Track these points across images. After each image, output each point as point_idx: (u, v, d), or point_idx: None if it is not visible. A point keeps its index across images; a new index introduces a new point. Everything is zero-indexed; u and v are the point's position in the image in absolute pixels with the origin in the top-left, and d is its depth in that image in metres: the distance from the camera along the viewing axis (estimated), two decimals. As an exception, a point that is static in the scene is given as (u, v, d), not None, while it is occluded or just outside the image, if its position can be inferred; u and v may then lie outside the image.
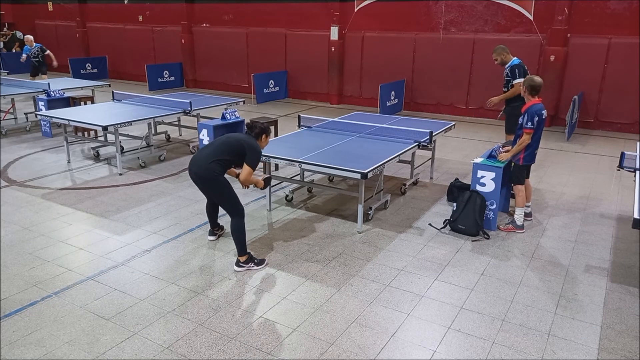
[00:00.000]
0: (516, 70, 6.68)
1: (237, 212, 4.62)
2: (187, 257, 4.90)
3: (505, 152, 5.61)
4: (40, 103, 9.47)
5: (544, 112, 5.33)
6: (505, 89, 6.87)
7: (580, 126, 11.00)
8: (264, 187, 4.98)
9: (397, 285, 4.42)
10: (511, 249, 5.18)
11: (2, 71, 14.95)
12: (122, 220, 5.76)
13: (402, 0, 12.62)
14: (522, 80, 6.49)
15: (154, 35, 17.47)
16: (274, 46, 14.82)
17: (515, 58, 6.86)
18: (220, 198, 4.70)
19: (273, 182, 6.28)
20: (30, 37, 12.99)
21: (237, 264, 4.67)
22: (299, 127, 7.19)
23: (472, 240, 5.34)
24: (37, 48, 12.69)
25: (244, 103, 9.89)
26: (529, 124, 5.24)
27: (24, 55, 12.77)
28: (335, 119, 7.44)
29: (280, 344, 3.61)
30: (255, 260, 4.71)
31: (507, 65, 6.85)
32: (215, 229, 5.27)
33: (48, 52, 12.94)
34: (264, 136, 4.76)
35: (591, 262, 4.91)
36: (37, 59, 12.72)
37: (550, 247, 5.24)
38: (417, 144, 6.22)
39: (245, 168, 4.56)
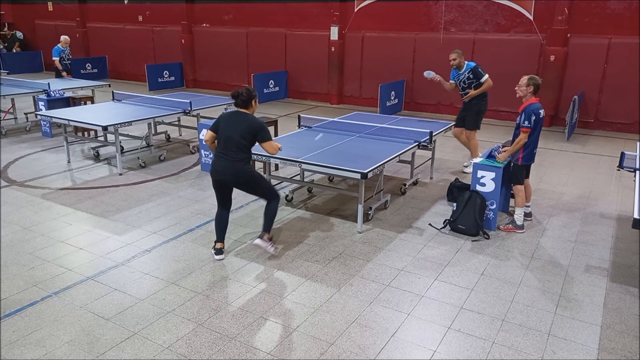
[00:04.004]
0: (479, 69, 7.26)
1: (275, 195, 4.89)
2: (187, 257, 4.90)
3: (505, 152, 5.61)
4: (40, 103, 9.48)
5: (542, 111, 5.34)
6: (468, 90, 7.40)
7: (580, 126, 11.00)
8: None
9: (397, 285, 4.42)
10: (511, 249, 5.18)
11: (2, 71, 14.91)
12: (122, 220, 5.76)
13: (402, 0, 12.63)
14: (487, 76, 7.21)
15: (154, 35, 17.47)
16: (274, 46, 14.83)
17: (470, 62, 7.44)
18: (258, 190, 4.92)
19: (273, 182, 6.28)
20: (68, 39, 12.25)
21: (261, 238, 4.84)
22: (299, 127, 7.19)
23: (472, 240, 5.34)
24: (69, 50, 12.23)
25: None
26: (526, 122, 5.24)
27: (56, 59, 11.96)
28: (335, 119, 7.44)
29: (280, 344, 3.61)
30: (274, 243, 4.99)
31: (464, 70, 7.34)
32: (223, 246, 4.91)
33: None
34: (253, 102, 4.70)
35: (591, 262, 4.91)
36: (70, 61, 12.34)
37: (550, 247, 5.24)
38: (417, 144, 6.22)
39: (266, 145, 4.70)
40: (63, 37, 12.19)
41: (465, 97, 7.49)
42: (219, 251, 4.87)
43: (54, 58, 11.97)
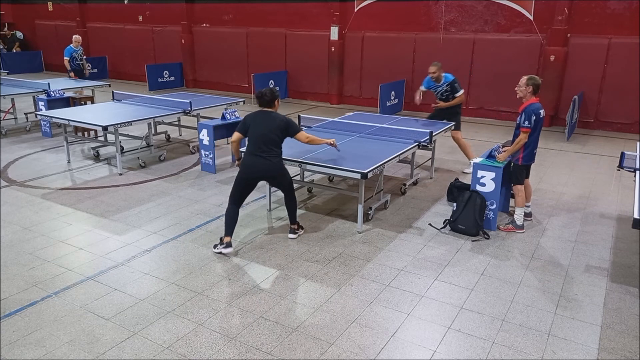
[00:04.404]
0: (455, 84, 7.44)
1: (293, 189, 5.27)
2: (187, 257, 4.90)
3: (505, 152, 5.61)
4: (40, 103, 9.48)
5: (542, 111, 5.33)
6: (444, 100, 7.57)
7: (580, 126, 11.01)
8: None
9: (397, 285, 4.42)
10: (511, 249, 5.18)
11: (2, 71, 14.89)
12: (122, 220, 5.76)
13: (402, 0, 12.63)
14: (462, 91, 7.54)
15: (154, 35, 17.47)
16: (274, 46, 14.83)
17: (447, 74, 7.51)
18: (285, 183, 5.16)
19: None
20: (79, 38, 11.91)
21: (293, 232, 5.32)
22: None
23: (472, 240, 5.34)
24: (82, 50, 11.88)
25: (244, 103, 9.89)
26: (526, 122, 5.24)
27: (67, 59, 11.67)
28: (335, 119, 7.44)
29: (280, 344, 3.61)
30: (301, 226, 5.46)
31: (442, 82, 7.45)
32: (230, 240, 4.91)
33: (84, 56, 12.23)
34: (276, 102, 5.04)
35: (591, 262, 4.91)
36: (83, 62, 11.98)
37: (550, 247, 5.24)
38: (417, 144, 6.22)
39: (299, 136, 5.04)
40: (75, 37, 11.86)
41: (435, 106, 7.71)
42: (228, 244, 4.90)
43: (65, 58, 11.75)
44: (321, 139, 5.35)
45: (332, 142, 5.40)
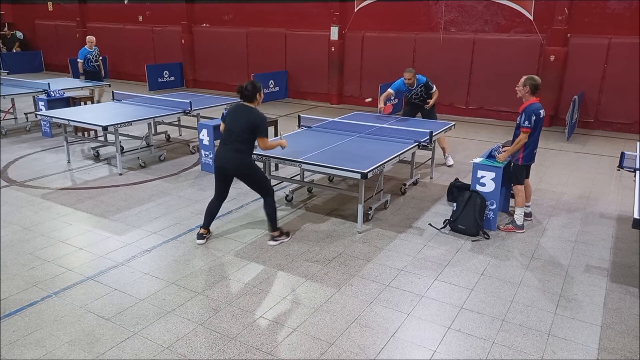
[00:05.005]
0: (429, 83, 7.75)
1: (269, 192, 5.11)
2: (187, 257, 4.90)
3: (505, 152, 5.60)
4: (40, 103, 9.48)
5: (542, 111, 5.33)
6: (420, 102, 7.92)
7: (580, 126, 11.00)
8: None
9: (397, 285, 4.42)
10: (511, 249, 5.18)
11: (2, 71, 14.88)
12: (122, 220, 5.76)
13: (402, 0, 12.63)
14: (435, 87, 7.77)
15: (154, 35, 17.47)
16: (274, 46, 14.83)
17: (420, 75, 7.77)
18: (255, 183, 5.08)
19: (273, 182, 6.27)
20: (93, 38, 11.58)
21: (273, 239, 5.16)
22: (299, 127, 7.19)
23: (472, 240, 5.34)
24: (97, 51, 11.62)
25: (244, 103, 9.87)
26: (526, 123, 5.24)
27: (80, 61, 11.52)
28: (335, 119, 7.44)
29: (280, 344, 3.61)
30: (286, 233, 5.29)
31: (416, 85, 7.73)
32: (206, 232, 5.20)
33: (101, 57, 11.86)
34: (257, 95, 4.95)
35: (591, 262, 4.91)
36: (98, 64, 11.68)
37: (550, 247, 5.24)
38: (417, 144, 6.22)
39: (259, 140, 4.89)
40: (88, 37, 11.63)
41: (427, 106, 7.92)
42: (200, 236, 5.17)
43: (78, 60, 11.61)
44: (274, 143, 5.13)
45: (282, 144, 5.29)
